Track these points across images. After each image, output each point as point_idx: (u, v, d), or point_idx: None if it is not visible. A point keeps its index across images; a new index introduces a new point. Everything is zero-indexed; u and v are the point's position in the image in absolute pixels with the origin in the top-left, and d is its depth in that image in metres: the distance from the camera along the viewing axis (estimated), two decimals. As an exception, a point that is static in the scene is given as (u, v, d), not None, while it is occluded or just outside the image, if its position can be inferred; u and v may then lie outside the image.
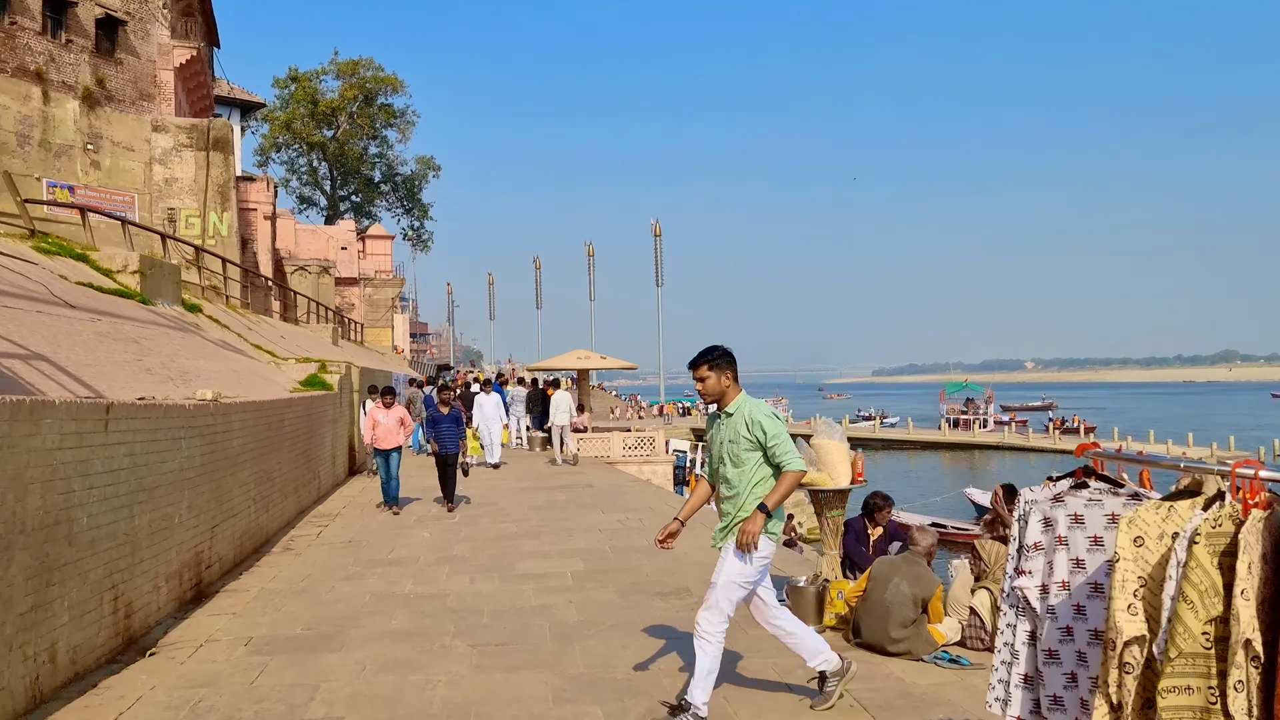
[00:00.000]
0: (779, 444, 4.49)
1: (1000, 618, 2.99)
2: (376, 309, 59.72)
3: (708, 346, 4.71)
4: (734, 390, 4.68)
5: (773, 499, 4.46)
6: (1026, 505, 2.96)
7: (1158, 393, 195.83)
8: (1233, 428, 73.40)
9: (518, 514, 11.87)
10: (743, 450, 4.56)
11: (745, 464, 4.56)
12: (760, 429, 4.52)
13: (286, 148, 63.21)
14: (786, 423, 14.43)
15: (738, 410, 4.63)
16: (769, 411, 4.62)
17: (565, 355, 22.41)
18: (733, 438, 4.60)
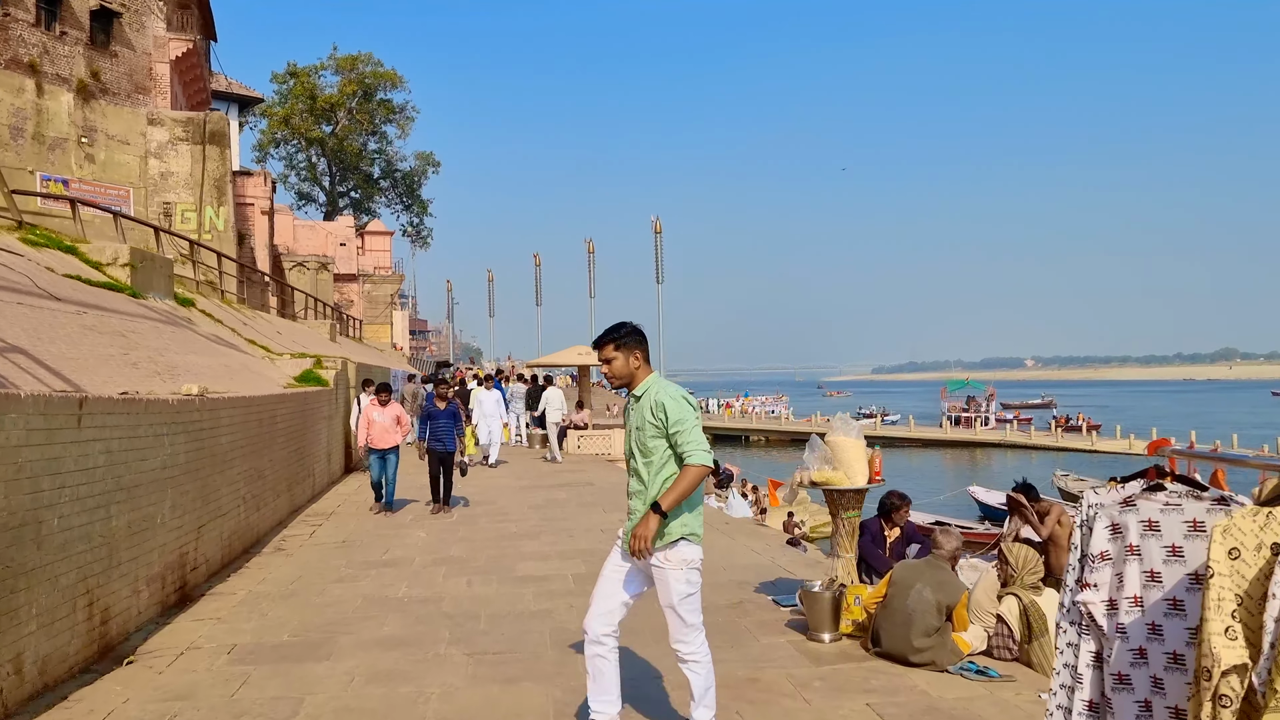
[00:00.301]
0: (682, 430, 3.95)
1: (1058, 635, 2.66)
2: (375, 305, 59.41)
3: (614, 324, 4.23)
4: (644, 371, 4.18)
5: (669, 497, 3.90)
6: (1091, 509, 2.61)
7: (1158, 391, 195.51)
8: (1235, 425, 73.11)
9: (517, 513, 11.54)
10: (649, 438, 4.05)
11: (653, 454, 4.04)
12: (663, 411, 4.00)
13: (285, 143, 62.91)
14: (785, 420, 13.98)
15: (645, 393, 4.13)
16: (678, 393, 4.10)
17: (565, 351, 22.05)
18: (640, 424, 4.10)
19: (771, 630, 6.06)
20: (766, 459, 59.34)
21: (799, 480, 6.17)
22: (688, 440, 3.95)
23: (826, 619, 5.73)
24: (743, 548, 9.19)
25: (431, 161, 70.39)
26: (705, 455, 3.94)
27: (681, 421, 3.96)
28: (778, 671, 5.29)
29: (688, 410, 4.03)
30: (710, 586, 7.36)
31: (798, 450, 49.88)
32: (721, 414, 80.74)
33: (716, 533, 10.04)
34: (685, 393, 4.14)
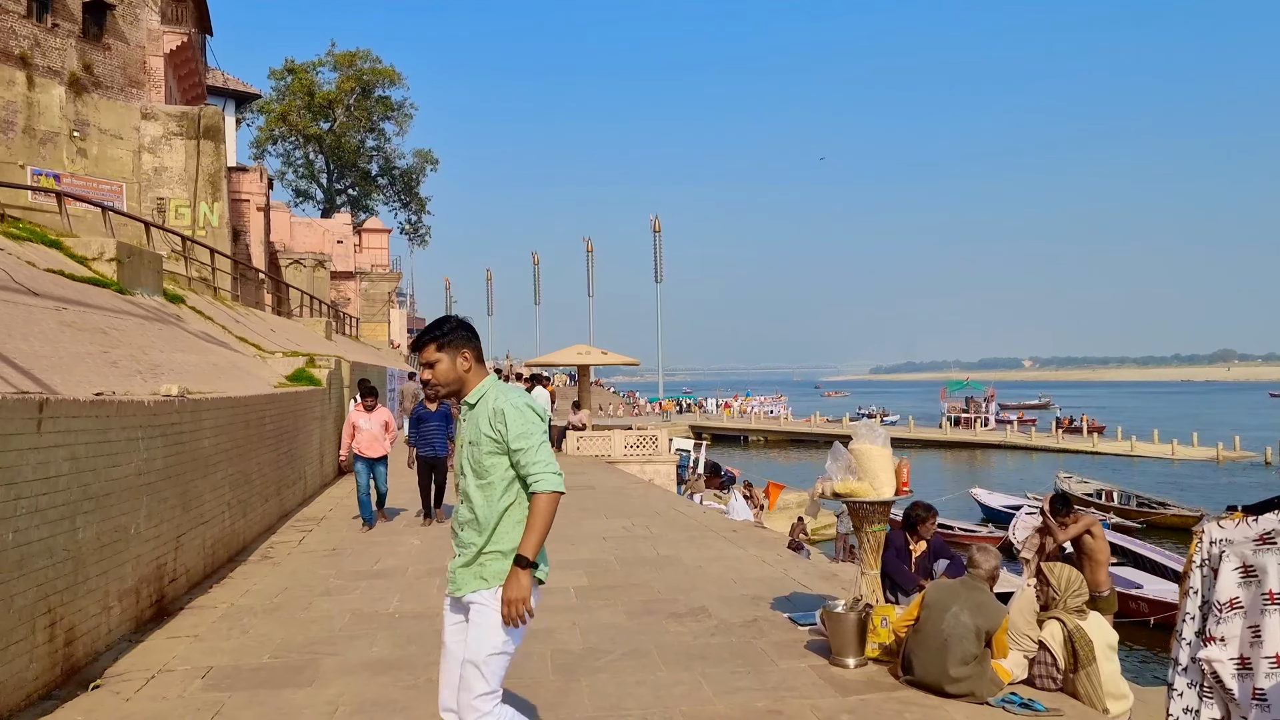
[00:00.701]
0: (527, 447, 3.27)
1: (1171, 699, 2.23)
2: (373, 303, 58.97)
3: (437, 319, 3.54)
4: (477, 374, 3.47)
5: (531, 543, 3.23)
6: (1215, 546, 2.17)
7: (1156, 392, 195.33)
8: (1236, 427, 72.79)
9: None
10: (485, 455, 3.34)
11: (490, 474, 3.34)
12: (503, 421, 3.29)
13: (283, 140, 62.51)
14: (784, 421, 13.33)
15: (481, 400, 3.42)
16: (521, 401, 3.37)
17: (565, 350, 21.62)
18: (474, 437, 3.38)
19: (790, 653, 5.62)
20: (765, 459, 58.94)
21: (821, 491, 5.73)
22: (534, 461, 3.27)
23: (851, 642, 5.29)
24: (752, 558, 8.74)
25: (430, 159, 70.06)
26: (557, 479, 3.28)
27: (526, 436, 3.28)
28: (800, 702, 4.85)
29: (533, 422, 3.34)
30: (722, 601, 6.95)
31: (797, 451, 49.75)
32: (720, 414, 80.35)
33: (724, 542, 9.60)
34: (532, 400, 3.45)
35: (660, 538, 9.63)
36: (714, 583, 7.52)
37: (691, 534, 9.90)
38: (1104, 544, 6.37)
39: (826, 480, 5.69)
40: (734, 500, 27.67)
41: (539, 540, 3.24)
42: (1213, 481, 45.88)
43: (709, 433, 69.80)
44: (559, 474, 3.29)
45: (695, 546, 9.15)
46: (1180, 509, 32.65)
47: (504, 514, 3.33)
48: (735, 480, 27.46)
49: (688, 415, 79.06)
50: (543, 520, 3.24)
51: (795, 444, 65.95)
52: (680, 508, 12.00)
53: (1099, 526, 6.40)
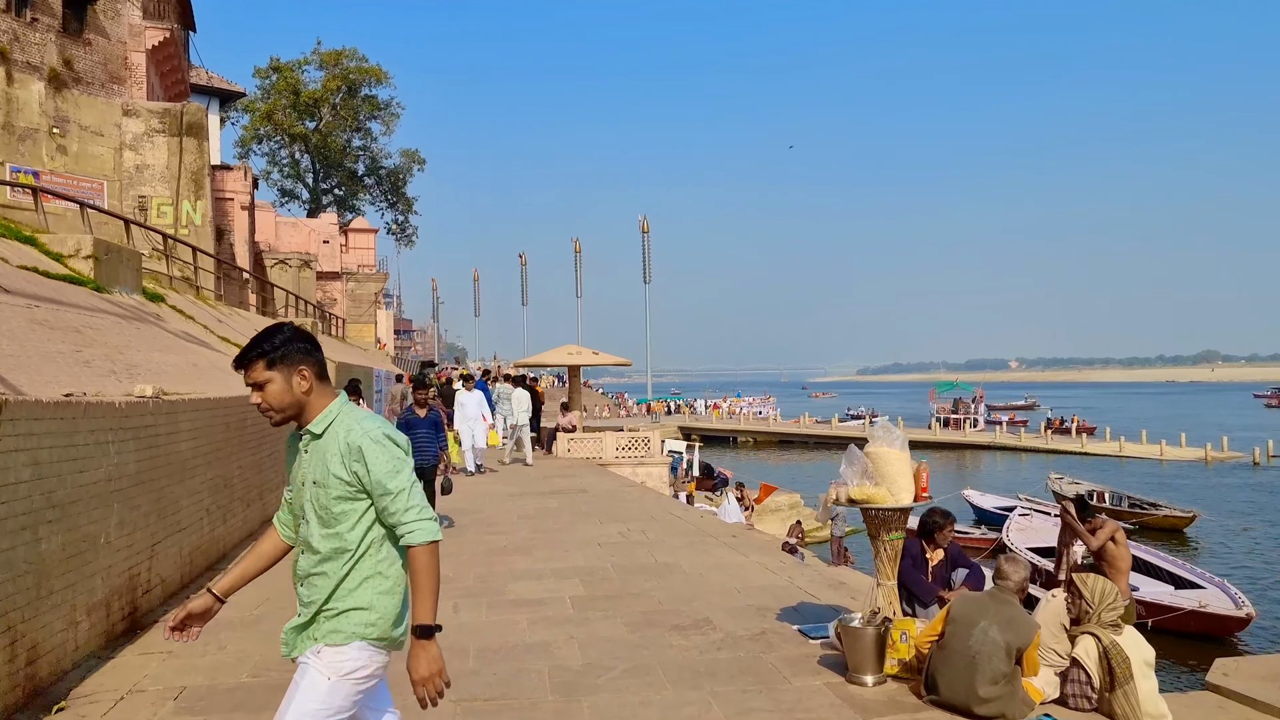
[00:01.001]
0: (395, 491, 2.73)
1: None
2: (359, 304, 58.52)
3: (266, 329, 2.89)
4: (321, 396, 2.85)
5: (427, 606, 2.71)
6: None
7: (1142, 393, 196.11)
8: (1223, 428, 72.97)
9: (506, 524, 10.74)
10: (335, 499, 2.76)
11: (341, 524, 2.77)
12: (360, 460, 2.73)
13: (268, 139, 61.99)
14: (773, 422, 12.78)
15: (330, 429, 2.82)
16: (380, 431, 2.80)
17: (555, 350, 21.25)
18: (319, 477, 2.79)
19: (803, 669, 5.29)
20: (755, 460, 58.67)
21: (835, 497, 5.40)
22: (407, 507, 2.73)
23: (870, 658, 4.97)
24: (755, 565, 8.42)
25: (416, 159, 69.65)
26: (434, 526, 2.76)
27: (392, 476, 2.73)
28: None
29: (399, 458, 2.79)
30: (727, 612, 6.61)
31: (786, 452, 49.44)
32: (709, 415, 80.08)
33: (725, 548, 9.27)
34: (391, 430, 2.85)
35: (658, 543, 9.30)
36: (717, 592, 7.19)
37: (690, 539, 9.58)
38: (1126, 551, 6.08)
39: (841, 486, 5.36)
40: (727, 502, 27.39)
41: (432, 601, 2.72)
42: (1201, 482, 45.83)
43: (698, 434, 69.51)
44: (434, 519, 2.78)
45: (695, 553, 8.83)
46: (1172, 510, 32.50)
47: (353, 568, 2.77)
48: (728, 482, 27.19)
49: (676, 416, 78.80)
50: (430, 577, 2.72)
51: (784, 445, 65.71)
52: (676, 512, 11.67)
53: (1121, 533, 6.11)
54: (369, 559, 2.79)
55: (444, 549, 8.16)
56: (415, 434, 10.36)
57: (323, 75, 60.88)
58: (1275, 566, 25.50)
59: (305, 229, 53.92)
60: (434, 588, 2.74)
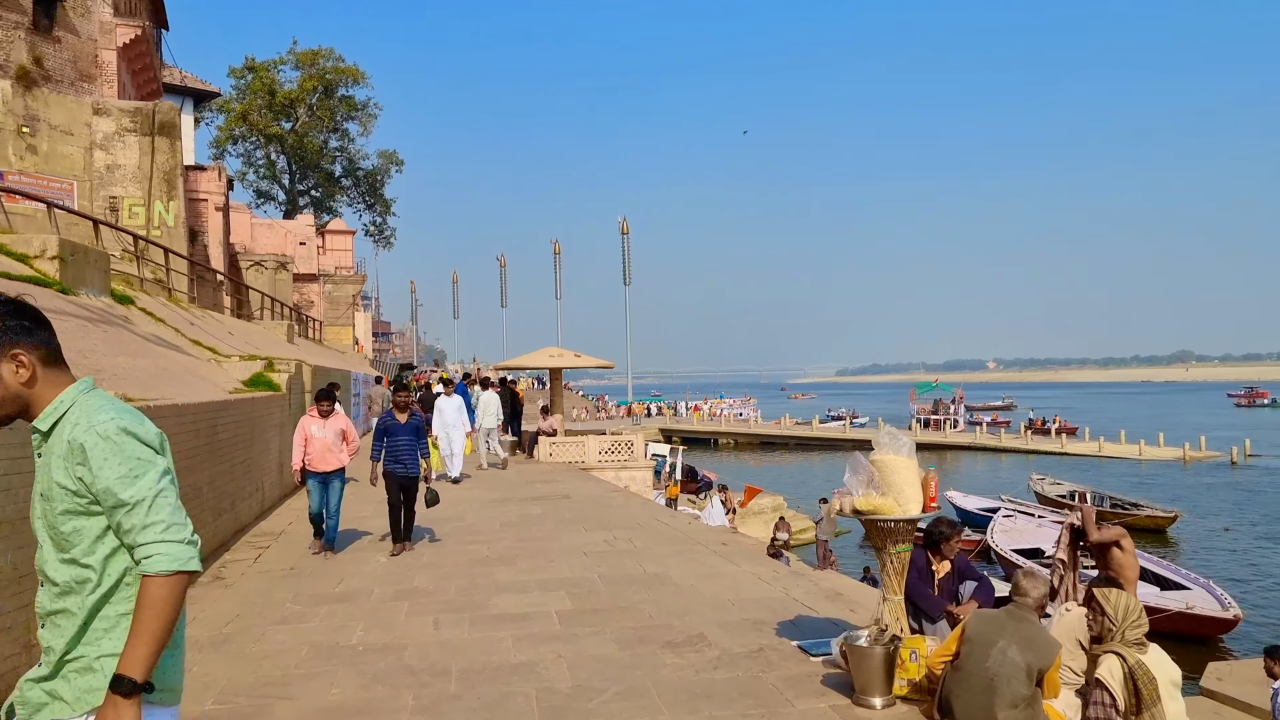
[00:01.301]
0: (130, 502, 2.14)
1: None
2: (337, 306, 57.97)
3: None
4: (49, 385, 2.26)
5: (138, 655, 2.06)
6: None
7: (1118, 393, 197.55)
8: (1198, 427, 73.40)
9: (488, 532, 10.39)
10: (62, 516, 2.19)
11: (76, 547, 2.18)
12: (84, 461, 2.15)
13: (243, 140, 61.34)
14: (754, 424, 12.30)
15: (58, 428, 2.23)
16: (116, 424, 2.19)
17: (536, 353, 20.91)
18: (45, 488, 2.22)
19: (806, 690, 4.99)
20: (736, 462, 58.50)
21: (839, 508, 5.12)
22: (147, 524, 2.13)
23: (878, 679, 4.67)
24: (748, 575, 8.12)
25: (395, 160, 69.17)
26: (184, 551, 2.14)
27: (127, 483, 2.14)
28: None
29: (138, 458, 2.17)
30: (722, 627, 6.31)
31: (767, 454, 49.23)
32: (690, 417, 79.89)
33: (716, 556, 8.97)
34: (135, 421, 2.24)
35: (646, 552, 8.99)
36: (710, 605, 6.88)
37: (679, 548, 9.27)
38: (1134, 559, 5.80)
39: (845, 495, 5.08)
40: (711, 506, 27.12)
41: (152, 649, 2.08)
42: (1181, 481, 46.02)
43: (679, 436, 69.29)
44: (189, 542, 2.16)
45: (685, 562, 8.52)
46: (1154, 510, 32.55)
47: (102, 604, 2.19)
48: (712, 485, 26.92)
49: (657, 419, 78.53)
50: (158, 619, 2.08)
51: (765, 447, 65.64)
52: (663, 518, 11.33)
53: (1129, 540, 5.84)
54: (124, 591, 2.20)
55: (422, 559, 7.78)
56: (395, 441, 9.76)
57: (299, 75, 60.36)
58: (1259, 567, 25.50)
59: (281, 231, 53.37)
60: (159, 633, 2.09)
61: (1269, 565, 26.00)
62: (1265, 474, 47.56)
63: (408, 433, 9.76)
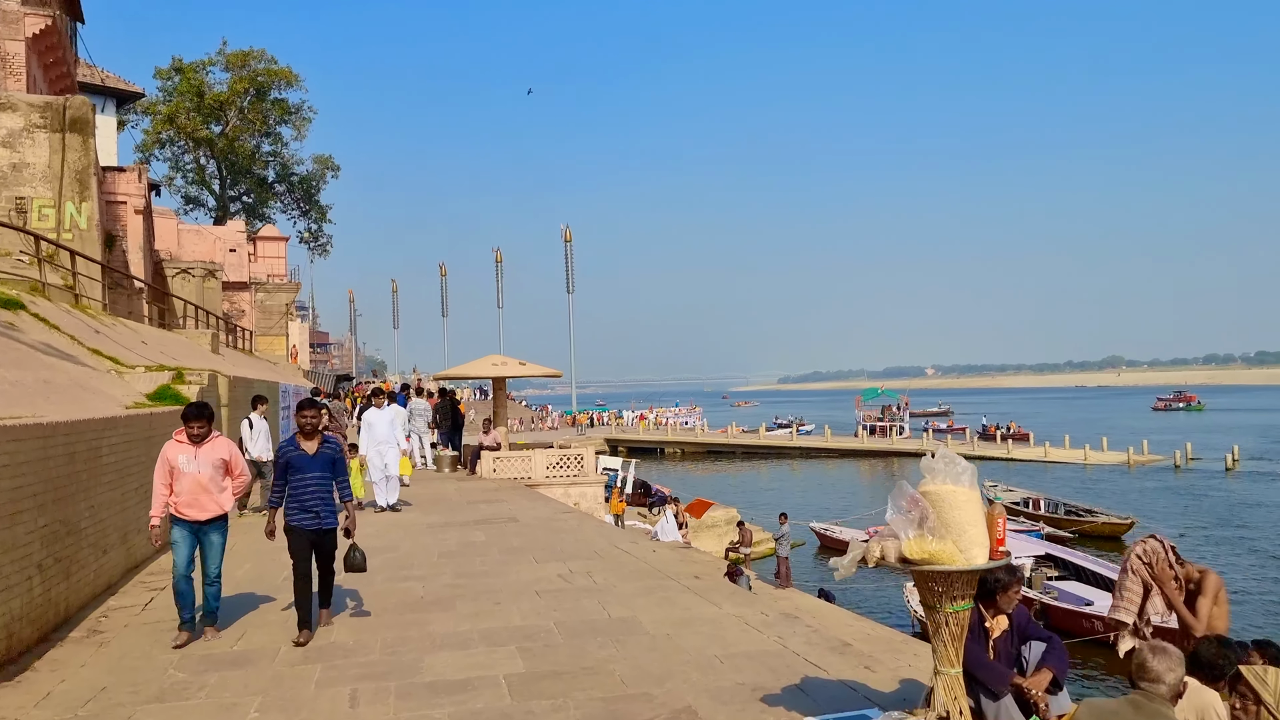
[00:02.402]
0: None
1: None
2: (269, 315, 55.83)
3: None
4: None
5: None
6: None
7: (1053, 397, 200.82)
8: (1136, 432, 74.12)
9: (424, 565, 9.03)
10: None
11: None
12: None
13: (171, 144, 58.95)
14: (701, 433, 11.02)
15: None
16: None
17: (479, 361, 19.50)
18: None
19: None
20: (683, 472, 57.45)
21: (879, 554, 3.92)
22: None
23: (942, 787, 3.49)
24: (732, 619, 6.86)
25: (330, 165, 67.10)
26: None
27: None
28: None
29: None
30: (713, 696, 4.95)
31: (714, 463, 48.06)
32: (636, 426, 78.67)
33: (690, 594, 7.72)
34: None
35: (609, 590, 7.72)
36: (695, 663, 5.64)
37: (646, 583, 8.01)
38: (1226, 609, 4.71)
39: (888, 539, 3.88)
40: (664, 521, 25.88)
41: None
42: (1128, 486, 45.97)
43: (625, 445, 68.08)
44: None
45: (656, 603, 7.25)
46: (1109, 516, 32.09)
47: None
48: (666, 500, 25.75)
49: (602, 428, 77.21)
50: None
51: (711, 456, 64.69)
52: (624, 545, 10.03)
53: (1224, 590, 4.75)
54: None
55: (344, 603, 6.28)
56: (301, 479, 6.92)
57: (229, 77, 58.23)
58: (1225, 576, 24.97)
59: (210, 237, 51.19)
60: None
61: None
62: (1206, 477, 47.78)
63: (318, 468, 6.96)
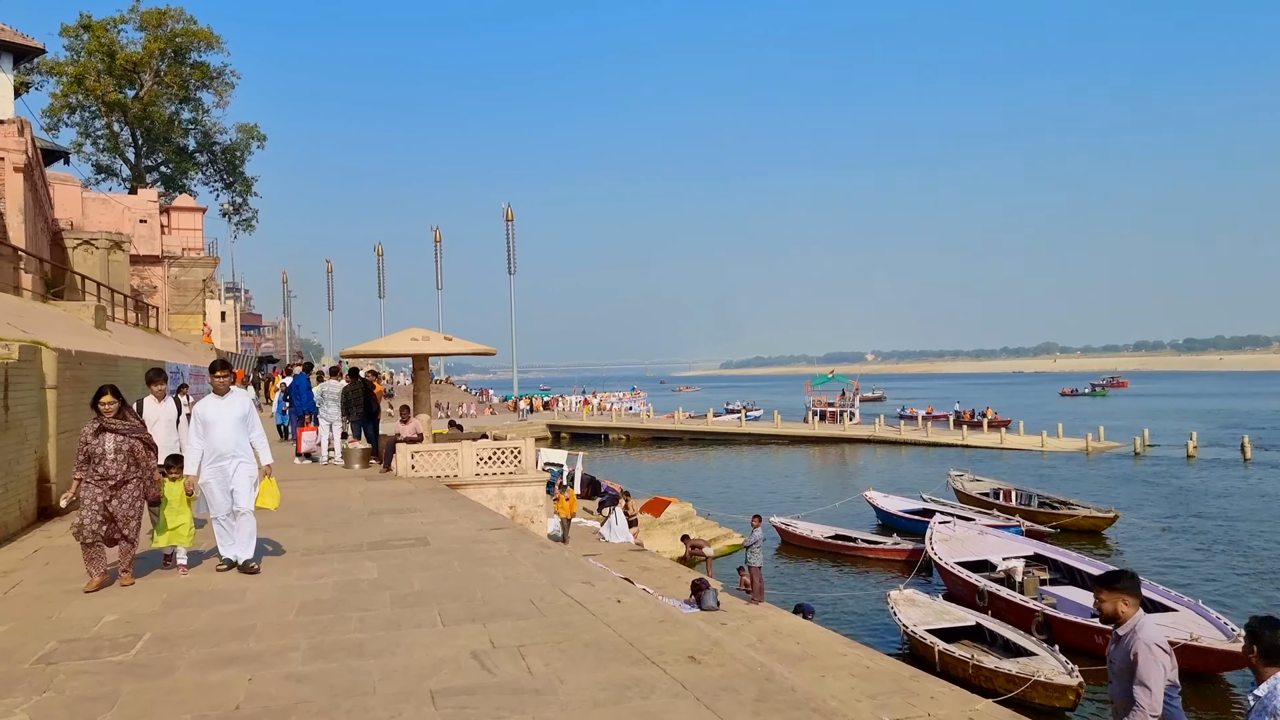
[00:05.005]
0: None
1: None
2: (185, 292, 51.93)
3: None
4: None
5: None
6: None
7: (992, 383, 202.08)
8: (1087, 417, 73.26)
9: (268, 630, 5.86)
10: None
11: None
12: None
13: (81, 109, 54.58)
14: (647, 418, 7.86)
15: None
16: None
17: (396, 336, 16.30)
18: None
19: None
20: (627, 460, 54.80)
21: None
22: None
23: None
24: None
25: (256, 135, 63.21)
26: None
27: None
28: None
29: None
30: None
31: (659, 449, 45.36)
32: (579, 411, 75.79)
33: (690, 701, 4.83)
34: None
35: (552, 692, 4.75)
36: None
37: (612, 675, 4.93)
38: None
39: None
40: (613, 520, 23.08)
41: None
42: (1087, 474, 44.34)
43: (568, 431, 65.20)
44: None
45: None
46: (1090, 510, 29.80)
47: None
48: (616, 498, 22.97)
49: (544, 414, 74.18)
50: None
51: (656, 442, 62.12)
52: (573, 590, 6.73)
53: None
54: None
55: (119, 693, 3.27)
56: None
57: (143, 37, 54.08)
58: (1219, 576, 22.92)
59: (119, 206, 47.26)
60: None
61: (1223, 573, 23.44)
62: (1168, 465, 46.36)
63: None
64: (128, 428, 7.32)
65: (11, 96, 36.38)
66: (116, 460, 7.16)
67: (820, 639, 13.28)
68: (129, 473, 7.22)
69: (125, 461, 7.20)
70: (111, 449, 7.16)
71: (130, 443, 7.28)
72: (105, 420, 7.22)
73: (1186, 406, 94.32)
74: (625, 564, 18.69)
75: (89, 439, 7.17)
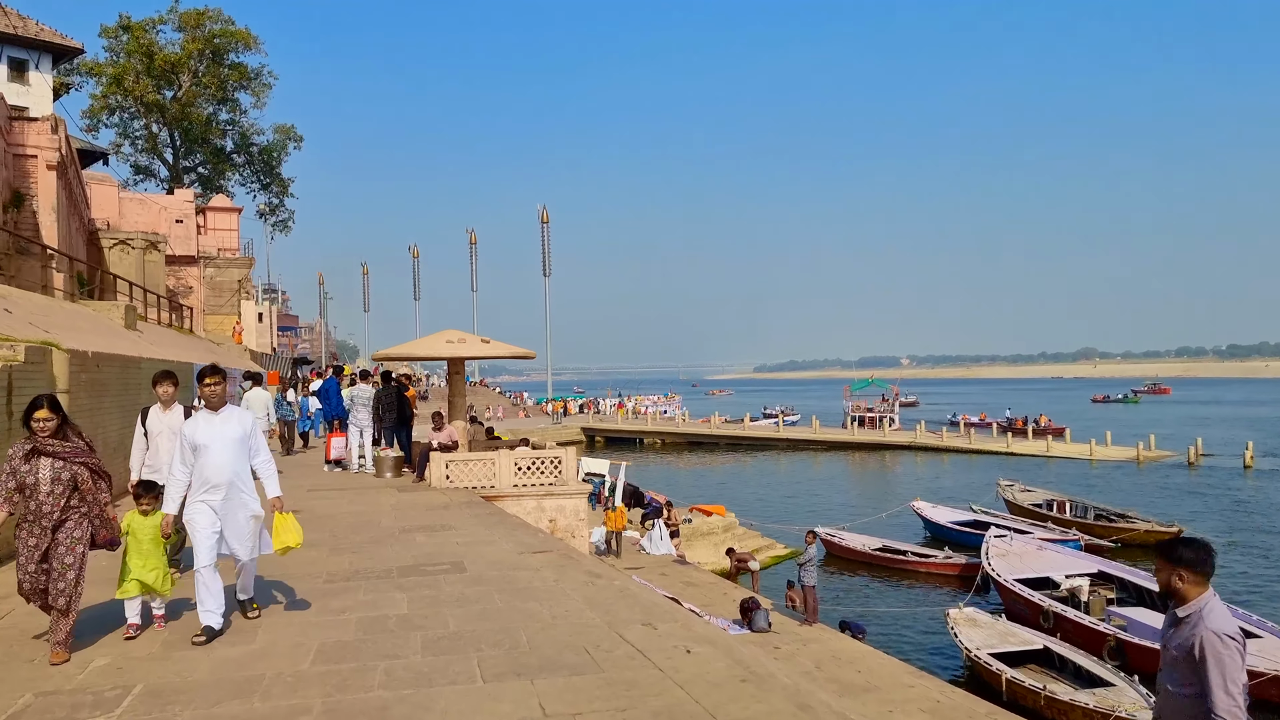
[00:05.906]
0: None
1: None
2: (220, 293, 51.71)
3: None
4: None
5: None
6: None
7: (1031, 389, 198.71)
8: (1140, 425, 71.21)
9: (279, 682, 5.01)
10: None
11: None
12: None
13: (120, 110, 54.63)
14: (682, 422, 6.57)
15: None
16: None
17: (431, 338, 15.48)
18: None
19: None
20: (663, 464, 53.85)
21: None
22: None
23: None
24: None
25: (292, 135, 63.15)
26: None
27: None
28: None
29: None
30: None
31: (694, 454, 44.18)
32: (614, 415, 74.98)
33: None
34: None
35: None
36: None
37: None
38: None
39: None
40: (654, 532, 22.18)
41: None
42: (1141, 484, 42.79)
43: (602, 435, 64.38)
44: None
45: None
46: (1152, 524, 28.37)
47: None
48: (661, 511, 22.06)
49: (578, 417, 73.40)
50: None
51: (692, 447, 61.10)
52: (633, 632, 5.89)
53: None
54: None
55: None
56: None
57: (181, 38, 54.06)
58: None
59: (155, 206, 47.08)
60: None
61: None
62: (1225, 475, 44.58)
63: None
64: (69, 450, 5.62)
65: (50, 96, 36.25)
66: (53, 493, 5.51)
67: (883, 667, 12.26)
68: (67, 510, 5.60)
69: (64, 494, 5.57)
70: (47, 478, 5.51)
71: (72, 469, 5.61)
72: (39, 441, 5.54)
73: (1230, 414, 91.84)
74: (668, 578, 17.79)
75: (18, 464, 5.53)
